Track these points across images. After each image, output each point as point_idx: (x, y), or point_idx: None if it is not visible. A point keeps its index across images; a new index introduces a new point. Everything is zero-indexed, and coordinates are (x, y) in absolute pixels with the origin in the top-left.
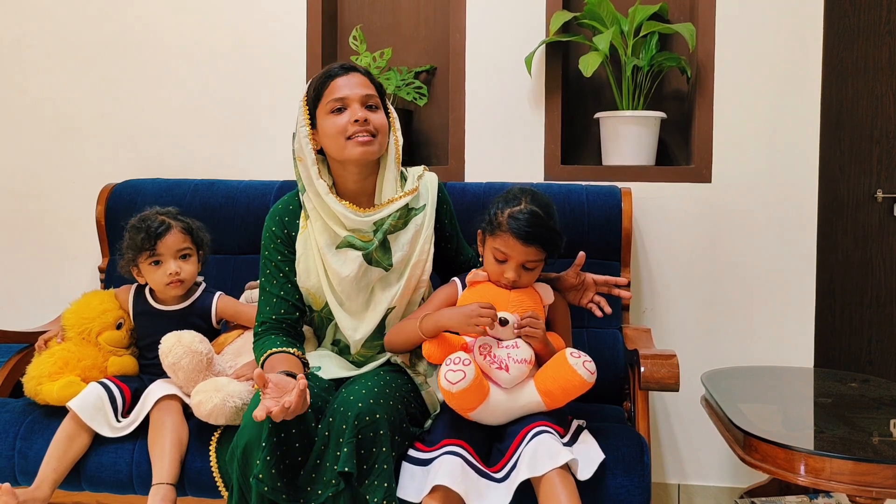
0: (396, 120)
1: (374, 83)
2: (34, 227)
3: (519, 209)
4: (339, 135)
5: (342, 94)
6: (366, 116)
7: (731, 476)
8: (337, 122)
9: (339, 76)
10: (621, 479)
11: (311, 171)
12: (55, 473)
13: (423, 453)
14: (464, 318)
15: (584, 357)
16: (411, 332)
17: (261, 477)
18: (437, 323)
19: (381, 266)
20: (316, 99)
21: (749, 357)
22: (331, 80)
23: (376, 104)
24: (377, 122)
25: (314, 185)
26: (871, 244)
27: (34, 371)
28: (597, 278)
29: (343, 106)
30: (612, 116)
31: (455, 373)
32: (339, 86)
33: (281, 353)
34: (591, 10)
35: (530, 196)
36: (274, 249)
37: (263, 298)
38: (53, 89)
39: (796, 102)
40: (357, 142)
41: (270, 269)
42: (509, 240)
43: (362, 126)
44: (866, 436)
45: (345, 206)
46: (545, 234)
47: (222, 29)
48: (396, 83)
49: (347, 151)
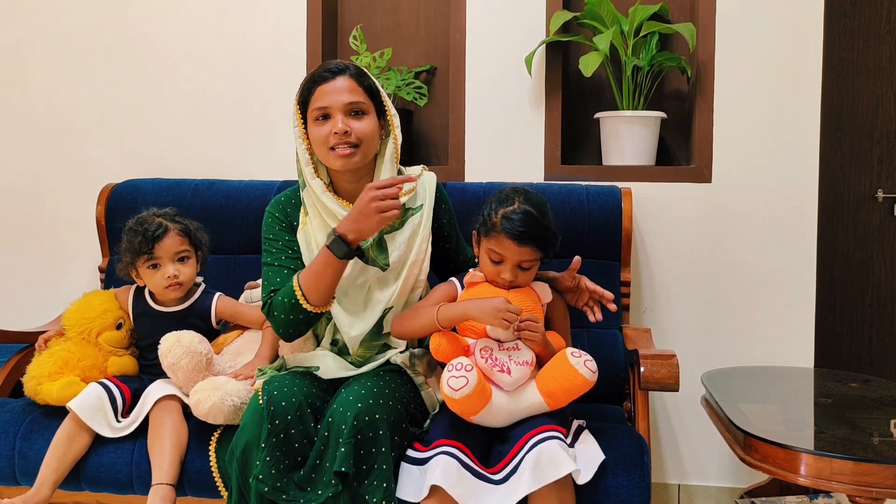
0: (396, 118)
1: (364, 85)
2: (34, 227)
3: (512, 209)
4: (323, 144)
5: (325, 102)
6: (347, 127)
7: (731, 476)
8: (320, 131)
9: (325, 81)
10: (621, 479)
11: (306, 170)
12: (55, 474)
13: (420, 453)
14: (492, 311)
15: (584, 356)
16: (427, 320)
17: (260, 477)
18: (463, 311)
19: (378, 265)
20: (304, 103)
21: (749, 357)
22: (316, 86)
23: (363, 109)
24: (361, 130)
25: (310, 184)
26: (872, 244)
27: (34, 371)
28: (589, 285)
29: (327, 115)
30: (612, 116)
31: (457, 379)
32: (323, 92)
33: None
34: (592, 10)
35: (523, 195)
36: (280, 230)
37: (272, 273)
38: (54, 89)
39: (796, 102)
40: (337, 154)
41: (277, 248)
42: (504, 240)
43: (342, 138)
44: (867, 436)
45: (341, 205)
46: (539, 234)
47: (222, 29)
48: (396, 83)
49: (330, 161)
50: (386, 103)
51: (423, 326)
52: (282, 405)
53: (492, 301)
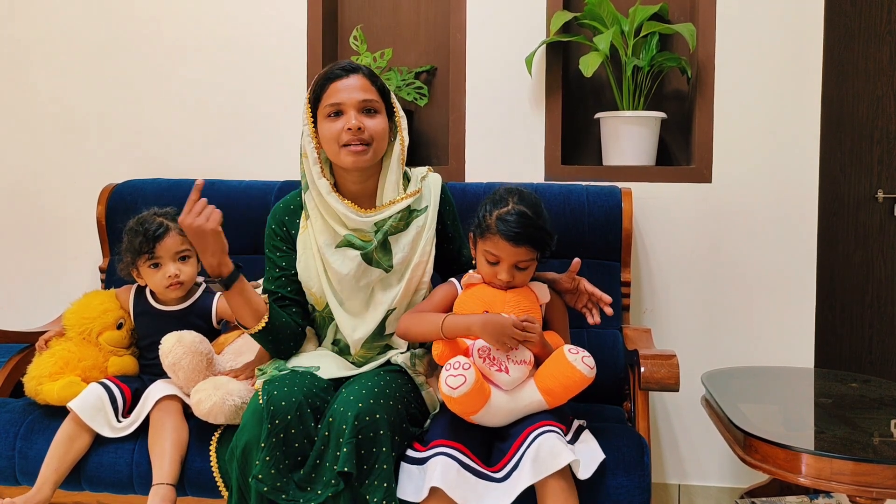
0: (403, 119)
1: (377, 85)
2: (35, 227)
3: (507, 210)
4: (334, 141)
5: (339, 99)
6: (360, 124)
7: (731, 476)
8: (332, 127)
9: (339, 79)
10: (621, 479)
11: (314, 169)
12: (56, 474)
13: (419, 453)
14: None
15: (582, 353)
16: (432, 328)
17: (260, 477)
18: (467, 328)
19: (382, 267)
20: (316, 100)
21: (749, 357)
22: (330, 83)
23: (376, 108)
24: (373, 128)
25: (316, 183)
26: (872, 244)
27: (35, 371)
28: (588, 287)
29: (339, 111)
30: (612, 116)
31: (455, 378)
32: (337, 89)
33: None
34: (592, 11)
35: (517, 196)
36: (273, 248)
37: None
38: (54, 89)
39: (796, 102)
40: (350, 151)
41: (270, 266)
42: (499, 242)
43: (356, 135)
44: (867, 436)
45: (346, 206)
46: (535, 234)
47: (223, 29)
48: (397, 83)
49: (341, 158)
50: (395, 105)
51: (427, 334)
52: (282, 405)
53: (498, 320)
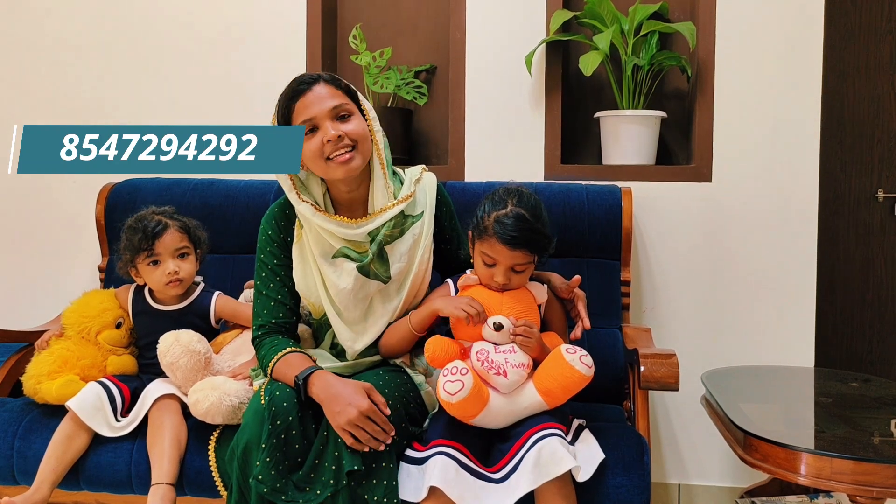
0: (376, 122)
1: (343, 88)
2: (34, 226)
3: (504, 213)
4: (318, 157)
5: (309, 113)
6: (339, 132)
7: (731, 476)
8: (312, 144)
9: (302, 94)
10: (621, 479)
11: (291, 196)
12: (54, 474)
13: (418, 452)
14: (452, 301)
15: (580, 352)
16: (403, 331)
17: (260, 478)
18: (429, 309)
19: (380, 278)
20: (285, 124)
21: (749, 357)
22: (294, 102)
23: (348, 111)
24: (354, 131)
25: (297, 209)
26: (872, 244)
27: (33, 370)
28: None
29: (314, 126)
30: (612, 116)
31: (453, 383)
32: (305, 105)
33: (298, 352)
34: (592, 10)
35: (517, 198)
36: (270, 253)
37: (260, 302)
38: (52, 88)
39: (797, 101)
40: (337, 162)
41: (266, 273)
42: (496, 244)
43: (337, 143)
44: (867, 435)
45: (335, 222)
46: (532, 238)
47: (222, 28)
48: (396, 82)
49: (331, 172)
50: (363, 104)
51: (402, 339)
52: (283, 406)
53: (453, 297)
